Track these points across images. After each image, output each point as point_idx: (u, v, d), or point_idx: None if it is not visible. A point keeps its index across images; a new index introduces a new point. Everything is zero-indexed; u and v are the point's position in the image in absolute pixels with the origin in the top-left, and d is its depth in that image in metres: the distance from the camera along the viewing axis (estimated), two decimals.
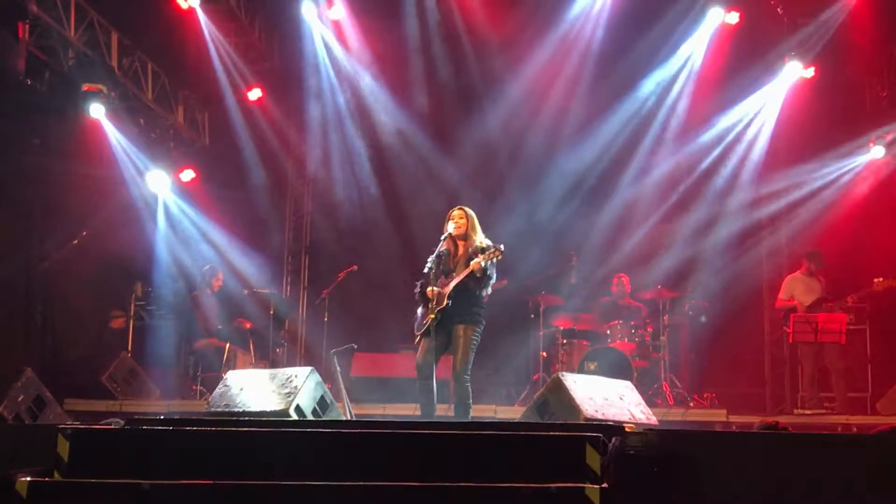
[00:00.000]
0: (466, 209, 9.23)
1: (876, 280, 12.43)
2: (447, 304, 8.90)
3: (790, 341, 13.12)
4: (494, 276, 9.07)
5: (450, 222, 9.12)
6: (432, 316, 8.85)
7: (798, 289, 12.99)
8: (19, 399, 9.37)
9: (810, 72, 13.92)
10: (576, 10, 14.65)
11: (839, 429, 11.17)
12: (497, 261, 8.96)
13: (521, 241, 13.84)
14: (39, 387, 9.75)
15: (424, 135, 15.61)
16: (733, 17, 14.01)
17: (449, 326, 8.97)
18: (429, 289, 8.95)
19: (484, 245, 9.08)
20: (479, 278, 8.94)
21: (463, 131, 15.50)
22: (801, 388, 13.31)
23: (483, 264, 8.86)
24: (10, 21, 11.30)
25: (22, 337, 12.97)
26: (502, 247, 8.91)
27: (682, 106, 14.64)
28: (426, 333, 8.90)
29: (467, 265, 8.97)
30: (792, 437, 6.45)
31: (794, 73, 13.93)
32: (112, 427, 6.51)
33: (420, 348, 8.99)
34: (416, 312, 9.21)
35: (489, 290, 9.17)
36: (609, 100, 14.80)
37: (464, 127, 15.51)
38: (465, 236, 9.14)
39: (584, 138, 14.89)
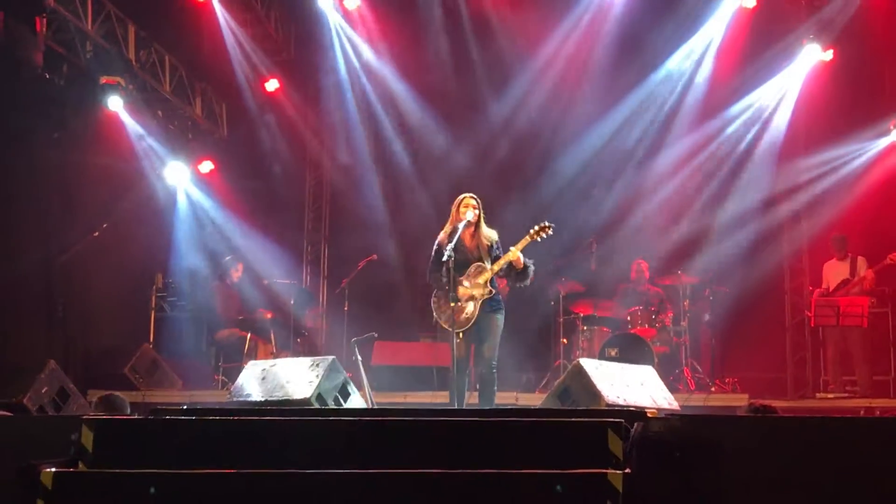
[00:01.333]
0: (476, 197, 9.21)
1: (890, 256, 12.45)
2: (493, 292, 8.93)
3: (812, 325, 13.10)
4: (533, 268, 9.12)
5: (468, 210, 9.04)
6: (475, 308, 8.87)
7: (830, 275, 13.02)
8: (43, 391, 9.41)
9: (829, 54, 13.82)
10: None
11: (862, 412, 11.12)
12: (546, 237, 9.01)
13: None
14: (63, 378, 9.79)
15: (442, 121, 15.61)
16: (751, 1, 13.94)
17: (480, 315, 8.96)
18: (466, 281, 8.93)
19: (494, 239, 9.10)
20: (521, 272, 8.97)
21: (480, 116, 15.51)
22: (824, 372, 13.27)
23: (523, 259, 8.90)
24: (27, 15, 11.35)
25: (44, 329, 13.04)
26: (546, 223, 8.98)
27: (701, 90, 14.59)
28: (467, 328, 8.90)
29: (489, 255, 8.99)
30: (816, 422, 6.42)
31: (812, 55, 13.83)
32: (136, 416, 6.55)
33: (460, 341, 8.92)
34: (439, 303, 9.16)
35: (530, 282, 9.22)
36: (627, 83, 14.77)
37: (481, 112, 15.51)
38: (478, 225, 9.12)
39: (602, 123, 14.86)
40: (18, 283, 12.54)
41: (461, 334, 8.86)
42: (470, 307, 8.86)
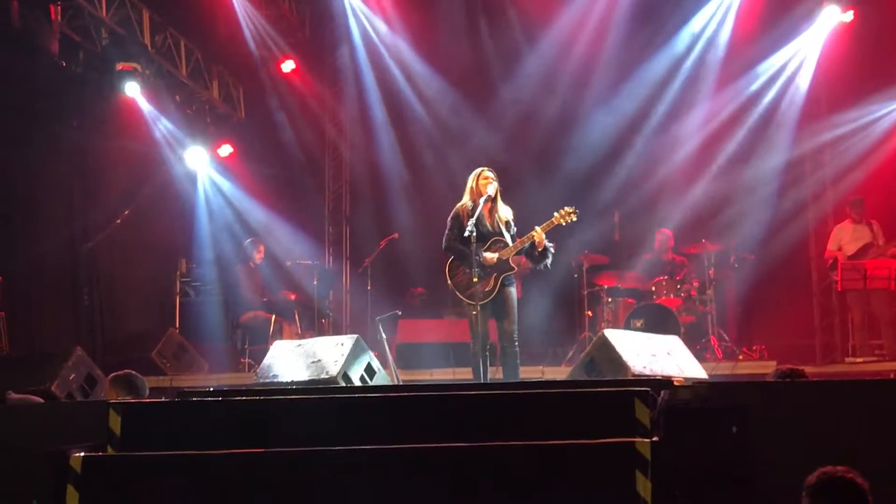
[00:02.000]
0: (493, 170, 9.18)
1: None
2: (514, 269, 8.94)
3: (839, 289, 13.00)
4: (552, 251, 9.10)
5: (488, 184, 9.02)
6: (484, 281, 8.83)
7: (845, 238, 12.89)
8: (70, 378, 9.48)
9: (849, 15, 13.63)
10: None
11: (892, 375, 11.04)
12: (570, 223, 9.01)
13: (561, 201, 13.73)
14: (90, 365, 9.86)
15: (459, 97, 15.53)
16: None
17: (498, 291, 8.94)
18: (489, 255, 8.90)
19: (510, 217, 9.09)
20: (542, 252, 8.94)
21: (498, 91, 15.42)
22: (852, 337, 13.19)
23: (546, 243, 8.88)
24: (42, 3, 11.37)
25: (70, 316, 13.15)
26: (572, 209, 8.95)
27: (721, 54, 14.44)
28: (486, 301, 8.87)
29: (508, 230, 8.97)
30: (844, 385, 6.38)
31: (832, 17, 13.65)
32: (164, 399, 6.58)
33: (479, 317, 8.87)
34: (455, 272, 9.14)
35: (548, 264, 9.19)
36: (645, 52, 14.63)
37: (499, 87, 15.43)
38: (496, 200, 9.10)
39: (622, 92, 14.73)
40: (44, 271, 12.65)
41: (478, 308, 8.84)
42: (490, 282, 8.85)
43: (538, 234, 8.85)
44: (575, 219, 9.06)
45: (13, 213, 12.27)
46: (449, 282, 9.16)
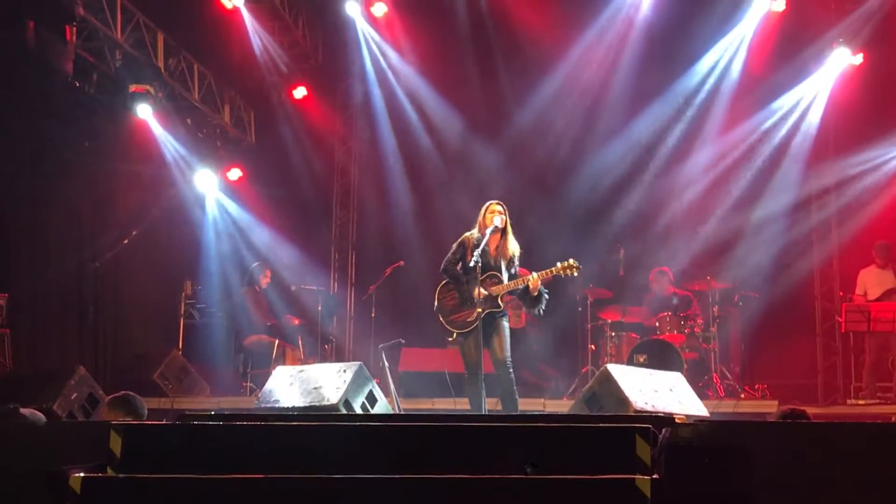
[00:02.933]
0: (503, 203, 9.19)
1: None
2: (502, 307, 8.94)
3: (843, 331, 13.00)
4: (547, 298, 9.10)
5: (496, 216, 9.02)
6: (478, 311, 8.80)
7: (870, 282, 12.92)
8: (72, 397, 9.50)
9: (859, 58, 13.72)
10: None
11: (893, 419, 11.01)
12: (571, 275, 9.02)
13: (567, 234, 13.81)
14: (92, 385, 9.87)
15: (469, 127, 15.60)
16: (780, 4, 13.87)
17: (486, 320, 8.91)
18: (478, 289, 8.87)
19: (516, 254, 9.08)
20: (535, 297, 8.93)
21: (508, 121, 15.47)
22: (858, 379, 13.19)
23: (541, 289, 8.87)
24: (57, 24, 11.44)
25: (74, 335, 13.15)
26: (574, 263, 8.93)
27: (731, 93, 14.50)
28: (474, 332, 8.85)
29: (507, 268, 8.99)
30: (847, 427, 6.36)
31: (842, 59, 13.73)
32: (165, 422, 6.58)
33: (469, 348, 8.92)
34: (444, 294, 9.18)
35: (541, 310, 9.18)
36: (656, 87, 14.72)
37: (509, 117, 15.47)
38: (504, 233, 9.10)
39: (630, 127, 14.80)
40: (50, 289, 12.67)
41: (455, 334, 8.96)
42: (474, 314, 8.81)
43: (534, 280, 8.84)
44: (576, 273, 9.07)
45: (21, 231, 12.31)
46: (435, 303, 9.20)
